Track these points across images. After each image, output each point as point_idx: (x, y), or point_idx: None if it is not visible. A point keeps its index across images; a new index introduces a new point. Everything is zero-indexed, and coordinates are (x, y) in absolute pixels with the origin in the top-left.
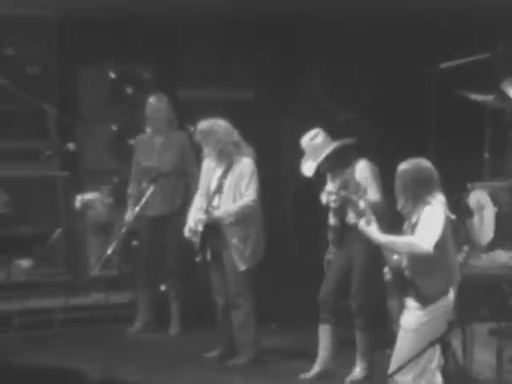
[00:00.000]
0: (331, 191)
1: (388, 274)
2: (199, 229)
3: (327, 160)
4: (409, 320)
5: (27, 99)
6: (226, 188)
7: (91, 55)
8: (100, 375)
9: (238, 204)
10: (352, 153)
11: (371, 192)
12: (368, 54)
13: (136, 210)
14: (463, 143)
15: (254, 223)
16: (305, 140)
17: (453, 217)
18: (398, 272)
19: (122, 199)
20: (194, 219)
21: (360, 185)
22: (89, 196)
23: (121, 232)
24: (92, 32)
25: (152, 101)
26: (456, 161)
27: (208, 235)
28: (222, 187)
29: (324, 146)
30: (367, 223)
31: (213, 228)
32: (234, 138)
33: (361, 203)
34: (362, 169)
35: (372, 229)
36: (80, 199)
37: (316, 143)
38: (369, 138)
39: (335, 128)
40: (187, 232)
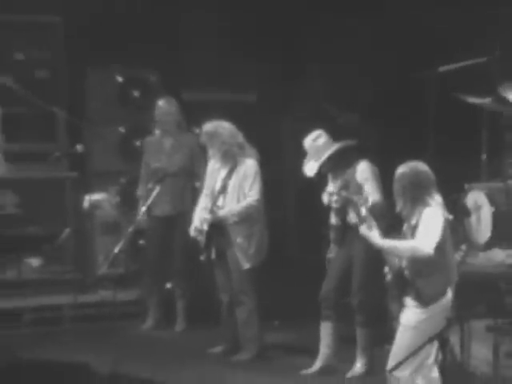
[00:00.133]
0: (332, 191)
1: (388, 275)
2: (204, 228)
3: (329, 160)
4: (408, 317)
5: (37, 102)
6: (231, 188)
7: (98, 59)
8: (107, 369)
9: (242, 204)
10: (353, 154)
11: (371, 192)
12: (368, 57)
13: (143, 210)
14: (461, 145)
15: (258, 222)
16: (307, 141)
17: (450, 217)
18: (398, 272)
19: (129, 199)
20: (199, 219)
21: (361, 187)
22: (96, 196)
23: (128, 231)
24: (99, 37)
25: (162, 104)
26: (454, 162)
27: (213, 234)
28: (227, 187)
29: (326, 147)
30: (369, 229)
31: (217, 227)
32: (239, 140)
33: (362, 210)
34: (363, 169)
35: (374, 234)
36: (88, 199)
37: (318, 144)
38: (369, 140)
39: (336, 129)
40: (192, 231)
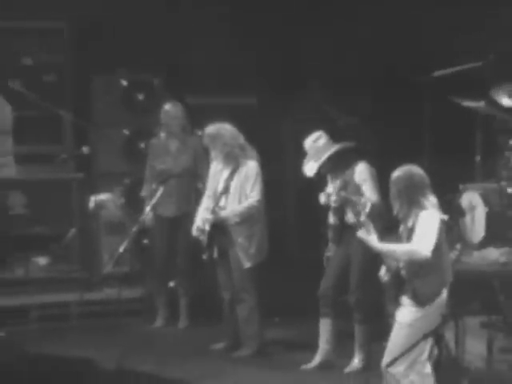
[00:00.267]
0: (330, 192)
1: (385, 276)
2: (206, 228)
3: (328, 161)
4: (404, 315)
5: (44, 105)
6: (232, 189)
7: (104, 64)
8: (112, 365)
9: (244, 204)
10: (352, 155)
11: (369, 193)
12: (367, 62)
13: (147, 210)
14: (456, 147)
15: (259, 222)
16: (308, 142)
17: (445, 217)
18: (395, 273)
19: (133, 200)
20: (202, 219)
21: (359, 188)
22: (102, 197)
23: (132, 231)
24: (104, 42)
25: (168, 108)
26: (449, 163)
27: (215, 234)
28: (229, 188)
29: (326, 148)
30: (367, 233)
31: (219, 227)
32: (240, 142)
33: (361, 215)
34: (361, 171)
35: (372, 238)
36: (93, 200)
37: (318, 145)
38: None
39: (335, 132)
40: (195, 231)
